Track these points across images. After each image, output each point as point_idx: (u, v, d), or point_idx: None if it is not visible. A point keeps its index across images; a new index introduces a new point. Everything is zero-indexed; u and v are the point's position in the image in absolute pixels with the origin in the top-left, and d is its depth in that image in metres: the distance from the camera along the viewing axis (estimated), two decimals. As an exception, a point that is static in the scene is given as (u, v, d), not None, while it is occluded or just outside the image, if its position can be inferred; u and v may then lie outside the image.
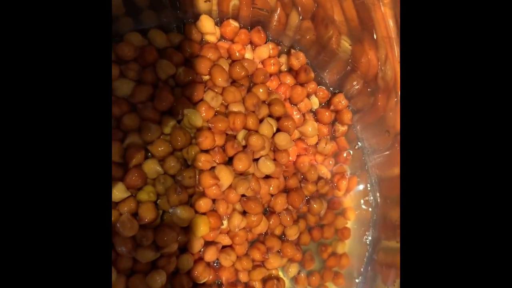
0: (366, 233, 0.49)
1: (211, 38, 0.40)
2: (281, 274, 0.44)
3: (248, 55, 0.41)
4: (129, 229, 0.34)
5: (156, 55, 0.37)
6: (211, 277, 0.39)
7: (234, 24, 0.40)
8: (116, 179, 0.35)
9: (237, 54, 0.40)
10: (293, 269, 0.44)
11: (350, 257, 0.48)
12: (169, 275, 0.37)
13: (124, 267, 0.35)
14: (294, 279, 0.45)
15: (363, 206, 0.49)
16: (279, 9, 0.41)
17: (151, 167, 0.36)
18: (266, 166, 0.39)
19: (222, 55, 0.40)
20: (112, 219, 0.34)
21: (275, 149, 0.41)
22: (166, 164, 0.36)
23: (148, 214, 0.35)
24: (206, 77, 0.39)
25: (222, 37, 0.41)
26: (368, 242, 0.48)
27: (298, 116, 0.43)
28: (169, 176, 0.36)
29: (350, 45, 0.40)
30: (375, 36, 0.39)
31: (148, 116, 0.36)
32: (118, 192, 0.34)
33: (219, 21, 0.41)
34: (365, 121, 0.47)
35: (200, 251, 0.39)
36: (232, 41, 0.41)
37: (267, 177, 0.41)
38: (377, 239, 0.48)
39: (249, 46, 0.42)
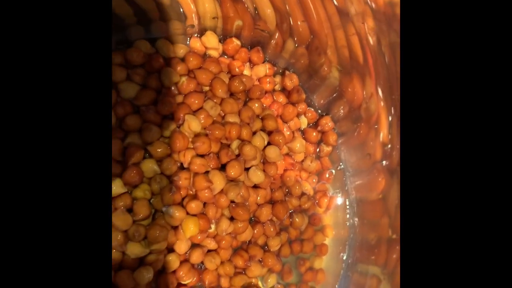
0: (343, 251, 0.51)
1: (214, 53, 0.43)
2: (260, 284, 0.46)
3: (246, 72, 0.44)
4: (123, 223, 0.35)
5: (162, 63, 0.40)
6: (195, 279, 0.40)
7: (236, 42, 0.43)
8: (115, 175, 0.36)
9: (237, 69, 0.43)
10: (272, 280, 0.46)
11: (326, 273, 0.50)
12: (156, 273, 0.38)
13: (113, 260, 0.36)
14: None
15: (341, 225, 0.51)
16: (277, 34, 0.44)
17: (149, 167, 0.37)
18: (257, 176, 0.41)
19: (223, 70, 0.43)
20: (107, 212, 0.35)
21: (264, 161, 0.44)
22: (163, 165, 0.38)
23: (142, 211, 0.36)
24: (207, 88, 0.42)
25: (224, 53, 0.44)
26: (344, 260, 0.51)
27: (288, 133, 0.46)
28: (165, 177, 0.38)
29: (340, 70, 0.44)
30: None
31: (150, 118, 0.38)
32: (116, 187, 0.36)
33: (223, 38, 0.44)
34: (348, 144, 0.51)
35: (186, 253, 0.40)
36: (233, 57, 0.44)
37: (255, 187, 0.43)
38: (352, 258, 0.50)
39: (247, 64, 0.45)
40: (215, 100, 0.41)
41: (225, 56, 0.45)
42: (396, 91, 0.40)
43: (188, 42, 0.42)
